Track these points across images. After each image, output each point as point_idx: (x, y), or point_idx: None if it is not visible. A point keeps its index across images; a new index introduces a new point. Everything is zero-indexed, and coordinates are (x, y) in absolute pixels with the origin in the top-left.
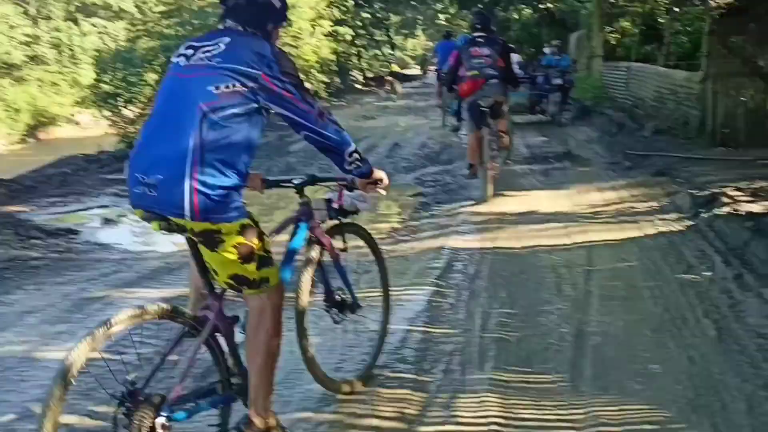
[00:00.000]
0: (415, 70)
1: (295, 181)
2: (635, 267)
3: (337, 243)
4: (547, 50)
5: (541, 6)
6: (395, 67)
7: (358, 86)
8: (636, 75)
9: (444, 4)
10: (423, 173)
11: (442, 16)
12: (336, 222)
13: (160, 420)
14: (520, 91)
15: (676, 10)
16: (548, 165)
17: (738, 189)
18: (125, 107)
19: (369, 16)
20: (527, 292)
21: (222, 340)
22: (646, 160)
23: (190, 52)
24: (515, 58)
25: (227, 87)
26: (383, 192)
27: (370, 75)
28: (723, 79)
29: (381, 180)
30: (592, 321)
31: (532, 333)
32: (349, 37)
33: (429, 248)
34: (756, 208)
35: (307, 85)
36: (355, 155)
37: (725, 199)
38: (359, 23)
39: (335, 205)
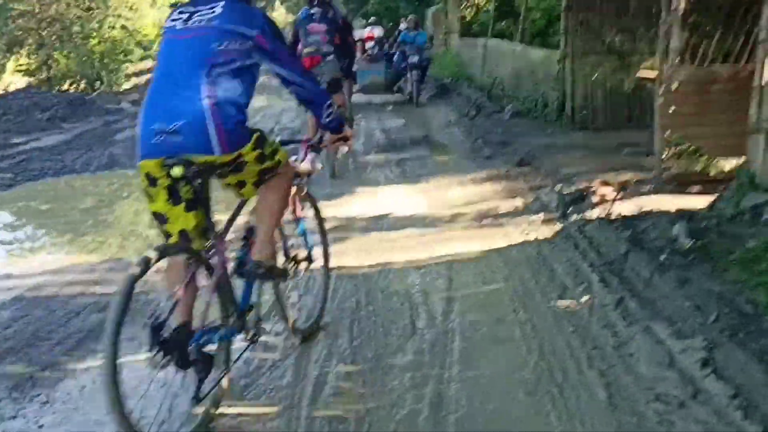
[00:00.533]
0: None
1: None
2: (503, 291)
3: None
4: (402, 26)
5: None
6: None
7: None
8: (492, 53)
9: None
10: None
11: None
12: (297, 183)
13: (192, 347)
14: (376, 69)
15: None
16: (405, 153)
17: (605, 183)
18: None
19: None
20: (374, 335)
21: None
22: (506, 147)
23: (185, 16)
24: (377, 32)
25: (229, 44)
26: (346, 149)
27: None
28: (581, 58)
29: (348, 137)
30: (453, 380)
31: (378, 404)
32: None
33: None
34: (627, 208)
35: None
36: (332, 108)
37: (594, 198)
38: None
39: (303, 165)
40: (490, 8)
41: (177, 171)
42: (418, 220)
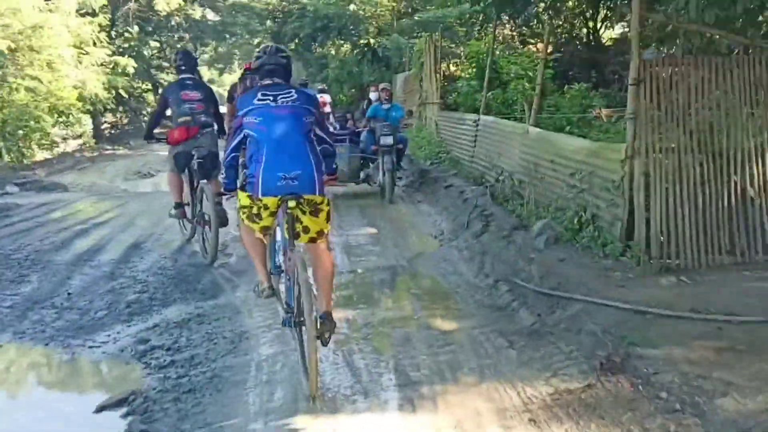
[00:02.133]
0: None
1: None
2: None
3: None
4: (373, 96)
5: (361, 42)
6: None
7: None
8: (488, 133)
9: (261, 38)
10: (159, 323)
11: None
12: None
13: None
14: (337, 151)
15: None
16: (382, 308)
17: None
18: None
19: (158, 44)
20: None
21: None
22: (557, 309)
23: (271, 97)
24: (327, 98)
25: (307, 119)
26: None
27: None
28: (658, 156)
29: (337, 178)
30: None
31: None
32: (131, 69)
33: None
34: None
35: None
36: (336, 157)
37: None
38: (156, 54)
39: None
40: (480, 75)
41: (292, 203)
42: None
